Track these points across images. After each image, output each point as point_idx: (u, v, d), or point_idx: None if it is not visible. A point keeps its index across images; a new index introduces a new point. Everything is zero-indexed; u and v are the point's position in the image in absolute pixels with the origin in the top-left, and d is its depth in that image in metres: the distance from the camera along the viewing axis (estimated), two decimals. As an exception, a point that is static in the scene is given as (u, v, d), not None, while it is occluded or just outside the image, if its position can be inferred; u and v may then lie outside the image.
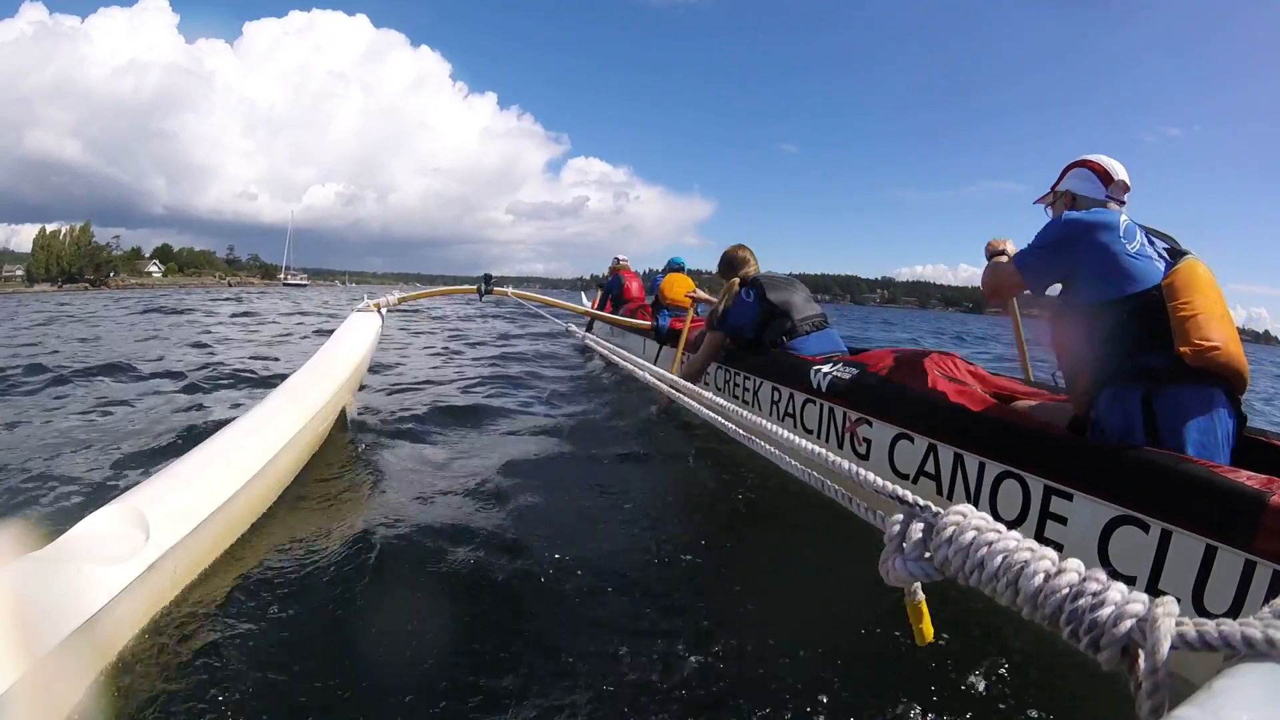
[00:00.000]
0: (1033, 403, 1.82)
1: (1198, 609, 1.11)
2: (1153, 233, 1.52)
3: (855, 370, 2.14)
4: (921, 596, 0.69)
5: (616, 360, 3.09)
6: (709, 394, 1.57)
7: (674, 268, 5.44)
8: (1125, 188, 1.62)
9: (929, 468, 1.74)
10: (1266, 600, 0.41)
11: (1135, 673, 0.41)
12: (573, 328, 6.38)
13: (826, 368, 2.24)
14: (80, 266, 50.22)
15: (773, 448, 1.29)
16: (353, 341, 3.07)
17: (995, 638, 1.42)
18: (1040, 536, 1.41)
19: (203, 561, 1.48)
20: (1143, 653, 0.40)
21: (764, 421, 1.32)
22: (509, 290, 4.44)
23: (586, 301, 8.14)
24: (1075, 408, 1.57)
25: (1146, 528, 1.19)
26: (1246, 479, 1.09)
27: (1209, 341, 1.32)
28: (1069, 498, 1.35)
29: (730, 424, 1.50)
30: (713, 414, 1.56)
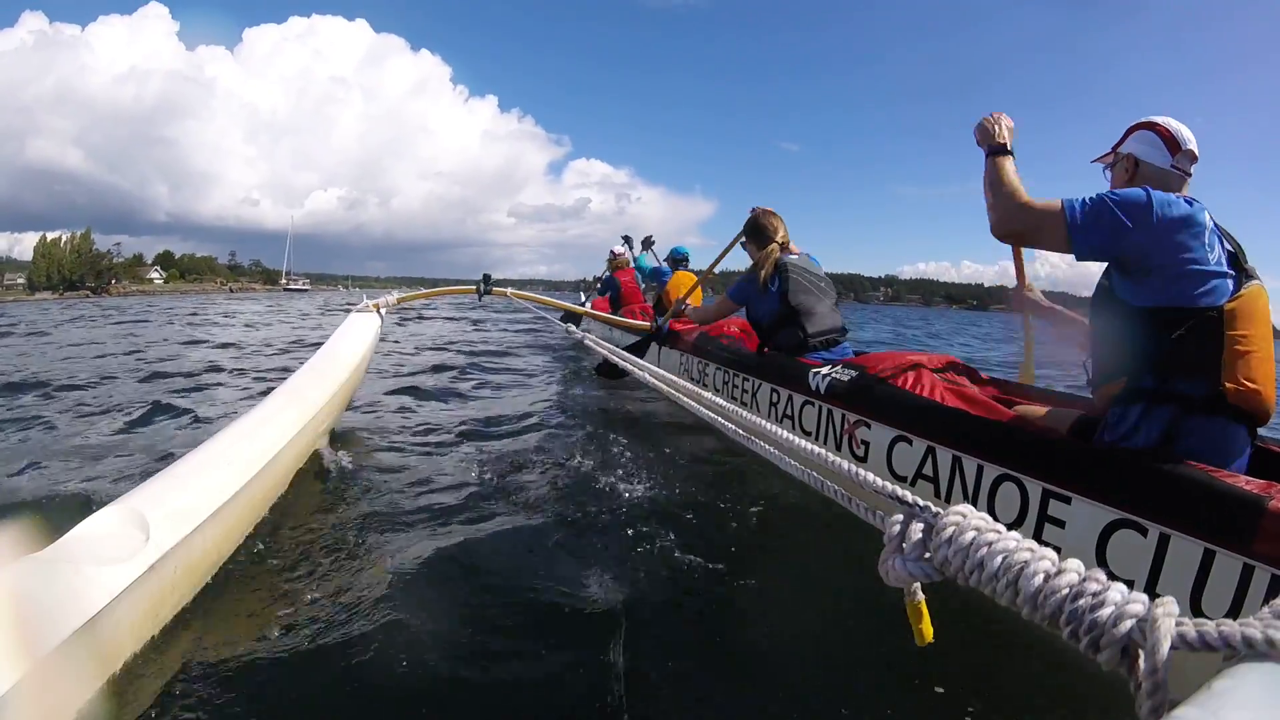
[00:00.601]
0: (1032, 406, 1.82)
1: (1195, 612, 1.11)
2: (1221, 233, 1.33)
3: (854, 373, 2.14)
4: (921, 597, 0.69)
5: (616, 360, 3.09)
6: (709, 394, 1.57)
7: (678, 259, 5.39)
8: (1193, 158, 1.42)
9: (927, 470, 1.74)
10: (1265, 603, 0.41)
11: (1135, 673, 0.42)
12: (571, 328, 6.37)
13: (825, 370, 2.25)
14: (81, 274, 50.15)
15: (772, 448, 1.29)
16: (352, 342, 3.07)
17: (995, 638, 1.42)
18: (1039, 539, 1.41)
19: (203, 562, 1.48)
20: (1143, 653, 0.41)
21: (763, 422, 1.32)
22: (508, 291, 4.44)
23: (586, 302, 8.14)
24: (1097, 405, 1.47)
25: (1145, 531, 1.20)
26: (1245, 483, 1.10)
27: (1253, 384, 1.24)
28: (1067, 501, 1.36)
29: (730, 424, 1.50)
30: (712, 414, 1.56)
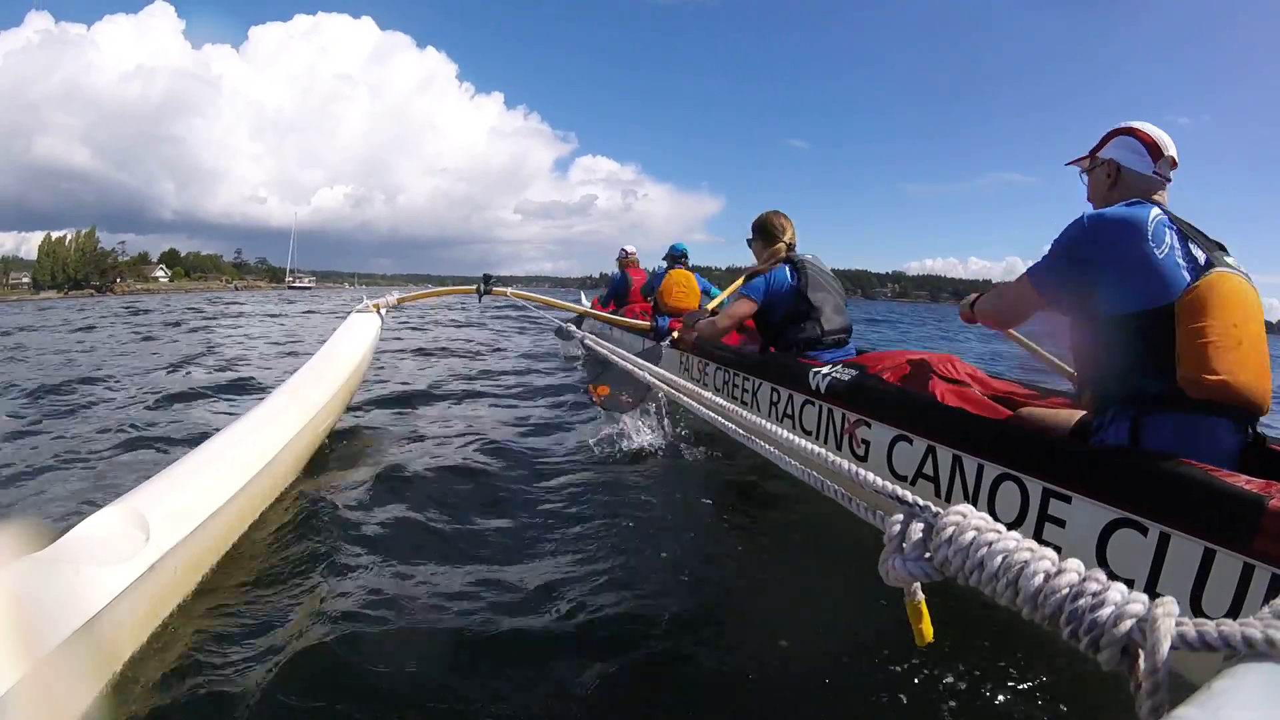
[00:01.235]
0: (1032, 405, 1.82)
1: (1195, 612, 1.11)
2: (1188, 231, 1.34)
3: (854, 372, 2.14)
4: (921, 596, 0.69)
5: (616, 360, 3.09)
6: (709, 394, 1.57)
7: (676, 255, 5.31)
8: (1173, 164, 1.44)
9: (928, 469, 1.74)
10: (1265, 603, 0.41)
11: (1135, 673, 0.42)
12: (572, 328, 6.37)
13: (825, 369, 2.25)
14: (86, 273, 50.18)
15: (772, 448, 1.29)
16: (352, 342, 3.07)
17: (995, 638, 1.42)
18: (1039, 539, 1.41)
19: (203, 562, 1.48)
20: (1143, 653, 0.41)
21: (763, 421, 1.32)
22: (509, 290, 4.44)
23: (586, 302, 8.14)
24: (1087, 412, 1.50)
25: (1145, 530, 1.19)
26: (1245, 482, 1.09)
27: (1214, 375, 1.21)
28: (1067, 500, 1.35)
29: (730, 424, 1.50)
30: (712, 414, 1.56)
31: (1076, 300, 1.41)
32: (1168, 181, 1.45)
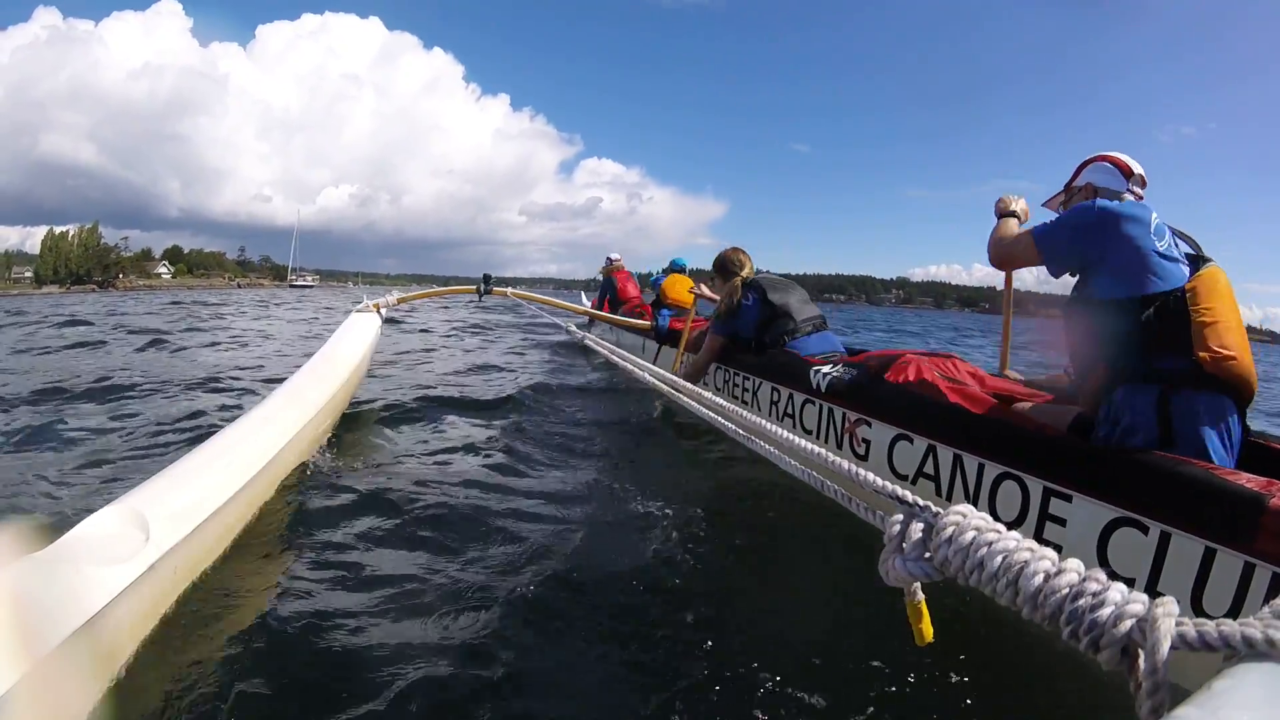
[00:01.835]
0: (1033, 404, 1.82)
1: (1196, 611, 1.11)
2: (1178, 234, 1.50)
3: (854, 371, 2.14)
4: (921, 596, 0.69)
5: (616, 360, 3.09)
6: (709, 394, 1.57)
7: (676, 269, 5.45)
8: (1143, 182, 1.61)
9: (928, 468, 1.74)
10: (1266, 602, 0.41)
11: (1135, 673, 0.41)
12: (573, 328, 6.38)
13: (826, 368, 2.25)
14: (88, 268, 50.18)
15: (772, 448, 1.29)
16: (352, 342, 3.07)
17: (995, 638, 1.42)
18: (1039, 538, 1.41)
19: (203, 562, 1.48)
20: (1143, 653, 0.40)
21: (763, 421, 1.32)
22: (509, 291, 4.45)
23: (586, 302, 8.15)
24: (1084, 406, 1.55)
25: (1146, 529, 1.19)
26: (1246, 481, 1.09)
27: (1226, 350, 1.31)
28: (1068, 499, 1.35)
29: (730, 424, 1.50)
30: (712, 414, 1.56)
31: (1071, 269, 1.54)
32: (1140, 198, 1.60)
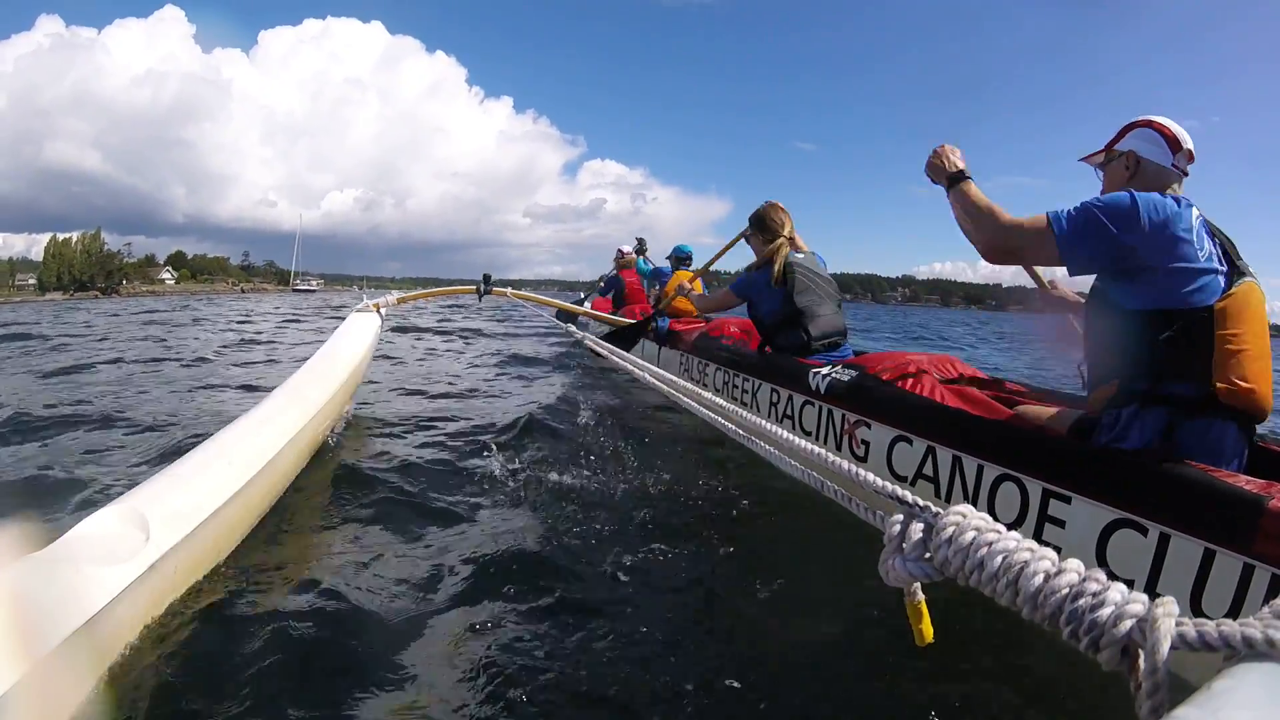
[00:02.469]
0: (1032, 405, 1.82)
1: (1195, 612, 1.11)
2: (1219, 236, 1.33)
3: (854, 373, 2.14)
4: (921, 597, 0.69)
5: (615, 360, 3.08)
6: (709, 394, 1.57)
7: (681, 257, 5.37)
8: (1191, 157, 1.41)
9: (927, 470, 1.74)
10: (1265, 603, 0.41)
11: (1135, 673, 0.42)
12: (572, 328, 6.38)
13: (825, 370, 2.25)
14: (91, 274, 50.14)
15: (772, 448, 1.29)
16: (352, 342, 3.07)
17: (995, 638, 1.42)
18: (1039, 539, 1.41)
19: (203, 562, 1.48)
20: (1143, 653, 0.41)
21: (763, 422, 1.32)
22: (508, 291, 4.45)
23: (586, 303, 8.14)
24: (1090, 405, 1.48)
25: (1145, 531, 1.20)
26: (1245, 483, 1.10)
27: (1245, 383, 1.23)
28: (1067, 500, 1.36)
29: (730, 424, 1.50)
30: (712, 414, 1.56)
31: (1102, 267, 1.34)
32: (1185, 175, 1.41)
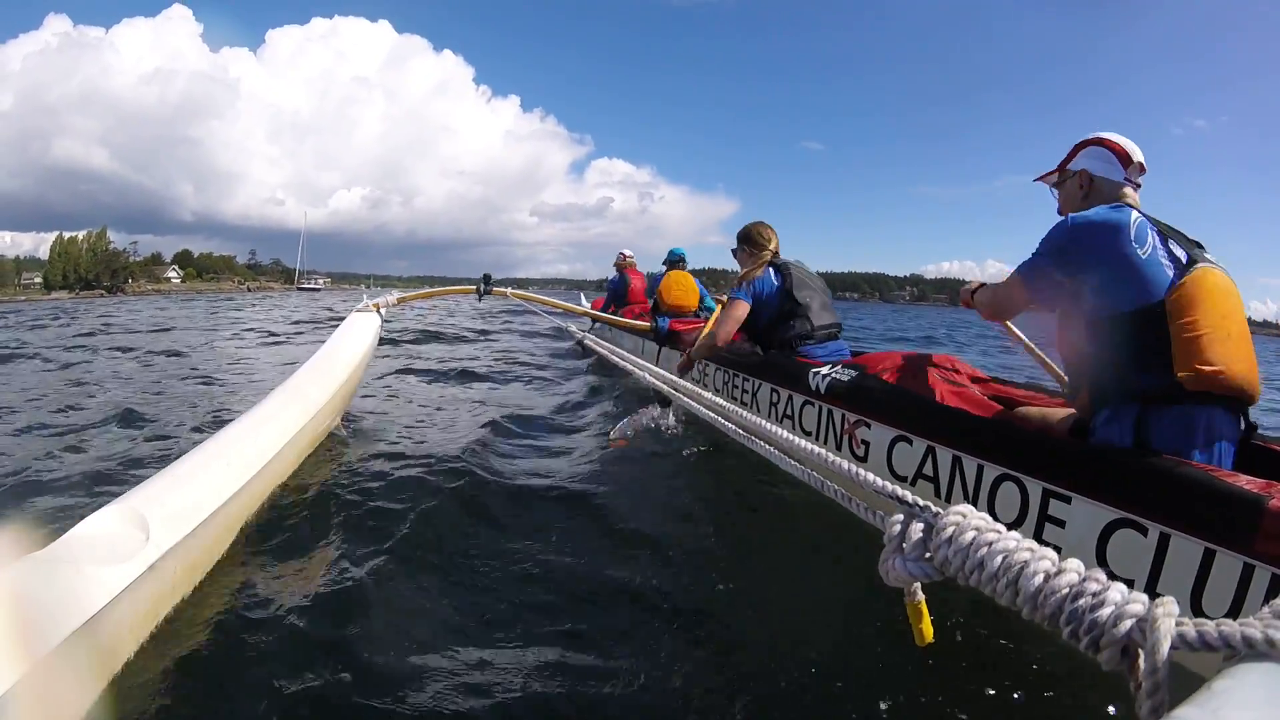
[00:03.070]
0: (1032, 406, 1.82)
1: (1195, 612, 1.11)
2: (1167, 231, 1.39)
3: (854, 372, 2.14)
4: (921, 596, 0.69)
5: (616, 360, 3.08)
6: (709, 394, 1.57)
7: (674, 259, 5.34)
8: (1142, 169, 1.50)
9: (927, 470, 1.74)
10: (1265, 603, 0.41)
11: (1135, 673, 0.42)
12: (572, 328, 6.38)
13: (825, 369, 2.25)
14: (97, 273, 50.16)
15: (772, 448, 1.29)
16: (352, 342, 3.07)
17: (995, 638, 1.42)
18: (1039, 539, 1.41)
19: (203, 562, 1.48)
20: (1143, 653, 0.41)
21: (763, 422, 1.32)
22: (508, 291, 4.45)
23: (586, 302, 8.13)
24: (1079, 412, 1.52)
25: (1145, 531, 1.20)
26: (1246, 483, 1.10)
27: (1210, 366, 1.25)
28: (1067, 500, 1.35)
29: (730, 424, 1.50)
30: (712, 414, 1.56)
31: (1065, 298, 1.46)
32: (1138, 187, 1.51)
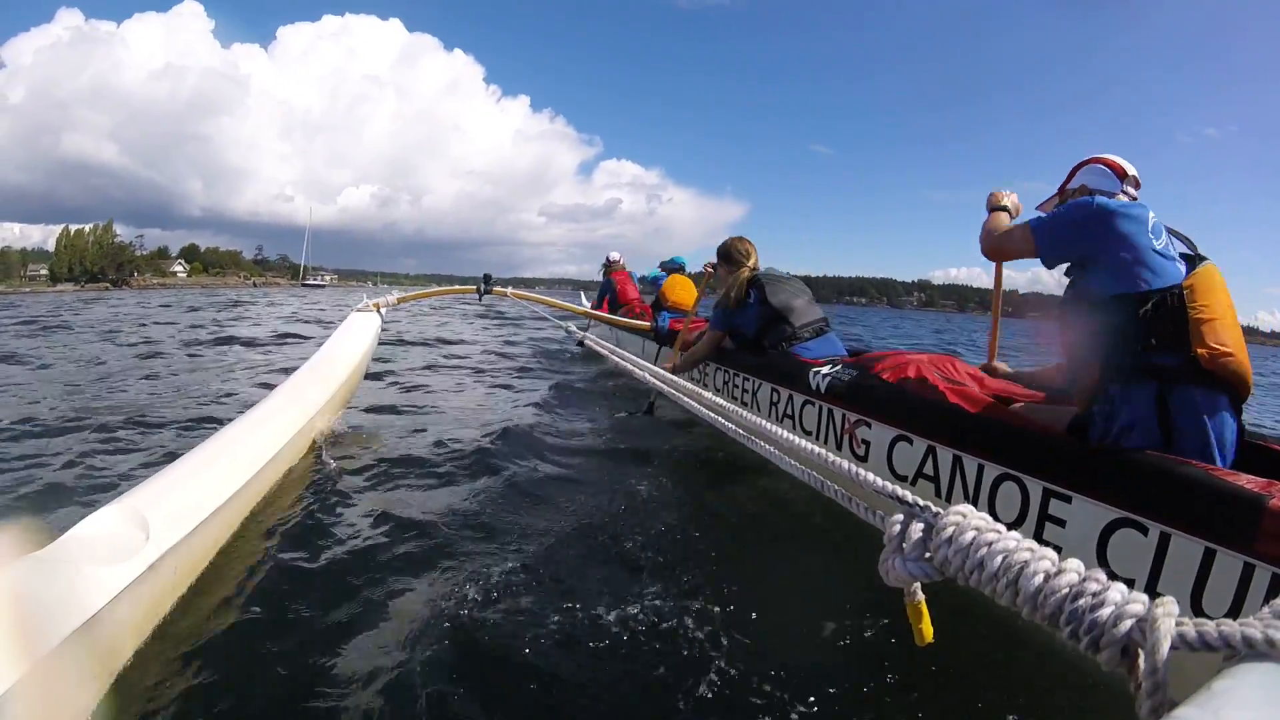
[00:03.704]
0: (1032, 404, 1.82)
1: (1196, 612, 1.11)
2: (1174, 233, 1.50)
3: (854, 372, 2.14)
4: (921, 596, 0.69)
5: (616, 360, 3.08)
6: (709, 394, 1.57)
7: (674, 268, 5.41)
8: (1137, 183, 1.62)
9: (928, 469, 1.74)
10: (1266, 602, 0.41)
11: (1135, 673, 0.42)
12: (572, 328, 6.39)
13: (825, 369, 2.25)
14: (102, 266, 50.17)
15: (772, 448, 1.29)
16: (352, 341, 3.07)
17: (995, 638, 1.42)
18: (1039, 539, 1.41)
19: (203, 561, 1.48)
20: (1143, 653, 0.40)
21: (763, 422, 1.32)
22: (508, 290, 4.45)
23: (586, 302, 8.13)
24: (1078, 403, 1.54)
25: (1145, 530, 1.19)
26: (1246, 482, 1.09)
27: (1224, 347, 1.31)
28: (1068, 500, 1.35)
29: (730, 424, 1.50)
30: (712, 414, 1.56)
31: (1068, 258, 1.54)
32: (1135, 199, 1.60)
